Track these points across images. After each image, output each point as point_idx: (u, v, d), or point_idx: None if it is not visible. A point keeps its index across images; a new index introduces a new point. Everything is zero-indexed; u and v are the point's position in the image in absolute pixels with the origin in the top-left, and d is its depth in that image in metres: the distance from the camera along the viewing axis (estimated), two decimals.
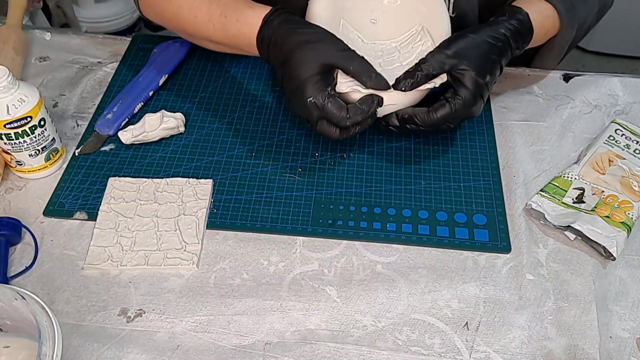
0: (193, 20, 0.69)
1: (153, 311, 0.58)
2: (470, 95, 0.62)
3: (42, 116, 0.64)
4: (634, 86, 0.82)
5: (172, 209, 0.65)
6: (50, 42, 0.88)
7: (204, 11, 0.67)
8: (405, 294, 0.60)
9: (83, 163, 0.71)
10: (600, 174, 0.68)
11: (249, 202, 0.67)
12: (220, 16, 0.66)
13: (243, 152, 0.72)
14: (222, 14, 0.66)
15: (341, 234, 0.64)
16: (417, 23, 0.70)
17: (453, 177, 0.70)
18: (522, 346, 0.56)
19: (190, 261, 0.61)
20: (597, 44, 2.07)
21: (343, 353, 0.56)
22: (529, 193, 0.69)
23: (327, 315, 0.58)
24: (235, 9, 0.66)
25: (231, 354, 0.56)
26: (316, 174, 0.70)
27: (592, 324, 0.58)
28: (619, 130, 0.73)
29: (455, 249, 0.63)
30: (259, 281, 0.61)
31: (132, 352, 0.55)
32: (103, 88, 0.80)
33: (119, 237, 0.63)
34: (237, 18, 0.65)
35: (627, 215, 0.64)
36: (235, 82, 0.81)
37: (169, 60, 0.81)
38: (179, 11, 0.69)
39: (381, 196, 0.68)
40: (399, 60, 0.68)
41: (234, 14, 0.65)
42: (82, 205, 0.66)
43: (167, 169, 0.70)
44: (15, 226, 0.63)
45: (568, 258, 0.63)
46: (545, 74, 0.83)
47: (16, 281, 0.60)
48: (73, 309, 0.58)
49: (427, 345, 0.56)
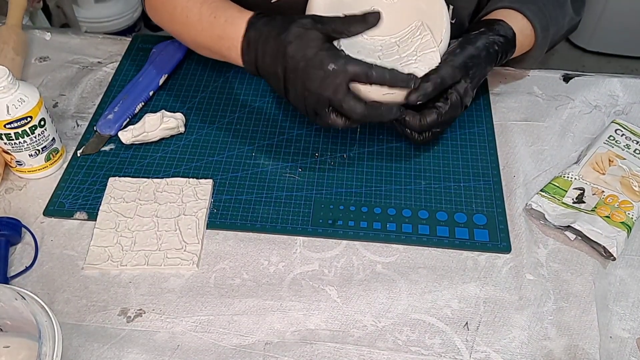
0: (185, 21, 0.69)
1: (153, 311, 0.58)
2: (459, 102, 0.64)
3: (42, 116, 0.64)
4: (634, 86, 0.82)
5: (172, 209, 0.65)
6: (50, 42, 0.88)
7: (194, 11, 0.68)
8: (405, 294, 0.60)
9: (83, 163, 0.71)
10: (600, 174, 0.68)
11: (249, 202, 0.67)
12: (210, 16, 0.67)
13: (243, 152, 0.72)
14: (212, 14, 0.67)
15: (341, 234, 0.64)
16: (416, 19, 0.70)
17: (453, 177, 0.70)
18: (522, 346, 0.56)
19: (190, 261, 0.61)
20: (597, 44, 2.07)
21: (343, 353, 0.56)
22: (529, 193, 0.69)
23: (327, 315, 0.58)
24: (225, 11, 0.66)
25: (231, 354, 0.56)
26: (316, 174, 0.70)
27: (592, 324, 0.58)
28: (619, 130, 0.73)
29: (455, 249, 0.64)
30: (259, 281, 0.61)
31: (132, 352, 0.55)
32: (103, 88, 0.80)
33: (119, 237, 0.63)
34: (225, 18, 0.66)
35: (627, 215, 0.64)
36: (235, 82, 0.81)
37: (169, 60, 0.81)
38: (174, 12, 0.70)
39: (381, 196, 0.68)
40: (398, 53, 0.68)
41: (223, 15, 0.66)
42: (82, 205, 0.66)
43: (167, 169, 0.70)
44: (15, 226, 0.63)
45: (568, 258, 0.63)
46: (545, 74, 0.83)
47: (16, 281, 0.60)
48: (73, 309, 0.58)
49: (427, 345, 0.56)
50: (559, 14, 0.75)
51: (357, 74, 0.59)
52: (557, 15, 0.75)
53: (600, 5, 1.92)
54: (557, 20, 0.75)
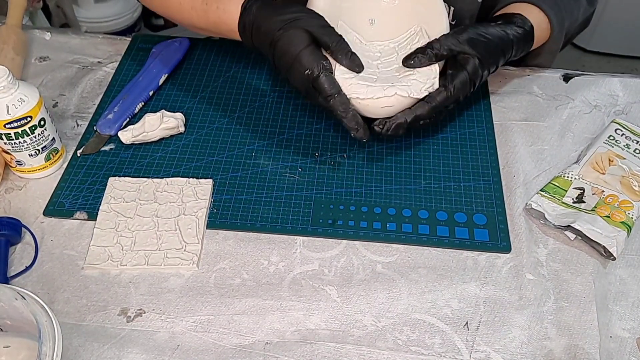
0: (178, 8, 0.72)
1: (153, 311, 0.58)
2: (468, 79, 0.64)
3: (42, 116, 0.64)
4: (634, 86, 0.82)
5: (172, 208, 0.65)
6: (50, 42, 0.88)
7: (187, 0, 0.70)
8: (406, 294, 0.60)
9: (83, 163, 0.71)
10: (600, 174, 0.68)
11: (249, 202, 0.67)
12: (202, 3, 0.69)
13: (243, 152, 0.72)
14: (203, 2, 0.68)
15: (341, 234, 0.64)
16: (415, 23, 0.70)
17: (453, 177, 0.70)
18: (522, 346, 0.56)
19: (190, 261, 0.61)
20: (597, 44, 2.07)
21: (343, 353, 0.56)
22: (529, 193, 0.69)
23: (327, 315, 0.58)
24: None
25: (231, 353, 0.56)
26: (316, 174, 0.70)
27: (592, 324, 0.58)
28: (619, 130, 0.73)
29: (455, 248, 0.64)
30: (259, 281, 0.61)
31: (132, 352, 0.55)
32: (103, 88, 0.80)
33: (119, 237, 0.63)
34: (217, 5, 0.67)
35: (627, 215, 0.64)
36: (235, 82, 0.81)
37: (169, 60, 0.81)
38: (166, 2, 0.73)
39: (381, 196, 0.68)
40: (397, 61, 0.68)
41: (214, 1, 0.67)
42: (82, 205, 0.66)
43: (167, 169, 0.70)
44: (15, 226, 0.63)
45: (568, 258, 0.63)
46: (545, 74, 0.83)
47: (16, 281, 0.60)
48: (73, 308, 0.58)
49: (427, 345, 0.56)
50: (573, 6, 0.76)
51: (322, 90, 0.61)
52: (572, 8, 0.75)
53: (600, 5, 1.92)
54: (572, 13, 0.75)
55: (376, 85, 0.63)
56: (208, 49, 0.85)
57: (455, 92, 0.64)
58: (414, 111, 0.63)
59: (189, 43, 0.84)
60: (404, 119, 0.63)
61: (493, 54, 0.66)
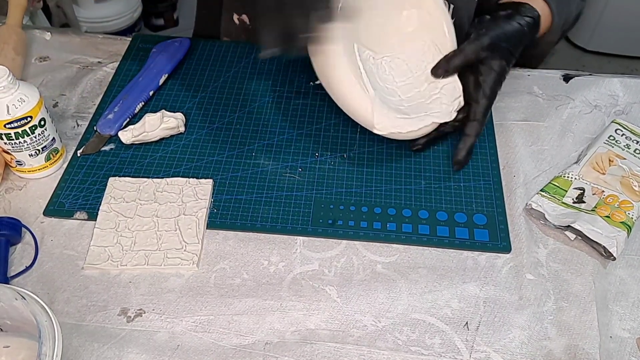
0: None
1: (153, 311, 0.58)
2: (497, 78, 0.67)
3: (42, 116, 0.64)
4: (634, 86, 0.82)
5: (172, 208, 0.65)
6: (50, 42, 0.88)
7: None
8: (406, 294, 0.60)
9: (83, 163, 0.71)
10: (600, 174, 0.68)
11: (249, 202, 0.67)
12: None
13: (243, 152, 0.72)
14: None
15: (341, 234, 0.64)
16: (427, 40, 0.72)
17: (453, 177, 0.70)
18: (522, 346, 0.56)
19: (191, 261, 0.61)
20: (597, 44, 2.07)
21: (343, 353, 0.56)
22: (529, 193, 0.69)
23: (327, 315, 0.58)
24: None
25: (231, 354, 0.56)
26: (316, 174, 0.70)
27: (592, 324, 0.58)
28: (619, 130, 0.73)
29: (455, 248, 0.64)
30: (259, 281, 0.61)
31: (132, 352, 0.55)
32: (103, 88, 0.80)
33: (119, 237, 0.63)
34: None
35: (627, 215, 0.64)
36: (235, 82, 0.81)
37: (169, 60, 0.81)
38: None
39: (381, 196, 0.68)
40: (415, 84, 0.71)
41: None
42: (82, 205, 0.66)
43: (167, 169, 0.70)
44: (16, 226, 0.63)
45: (568, 258, 0.63)
46: (545, 74, 0.83)
47: (16, 281, 0.60)
48: (73, 308, 0.58)
49: (427, 345, 0.56)
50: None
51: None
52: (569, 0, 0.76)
53: (600, 5, 1.92)
54: (568, 4, 0.76)
55: (412, 117, 0.66)
56: (208, 49, 0.85)
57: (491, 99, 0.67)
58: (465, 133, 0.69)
59: (189, 43, 0.84)
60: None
61: (514, 51, 0.68)
